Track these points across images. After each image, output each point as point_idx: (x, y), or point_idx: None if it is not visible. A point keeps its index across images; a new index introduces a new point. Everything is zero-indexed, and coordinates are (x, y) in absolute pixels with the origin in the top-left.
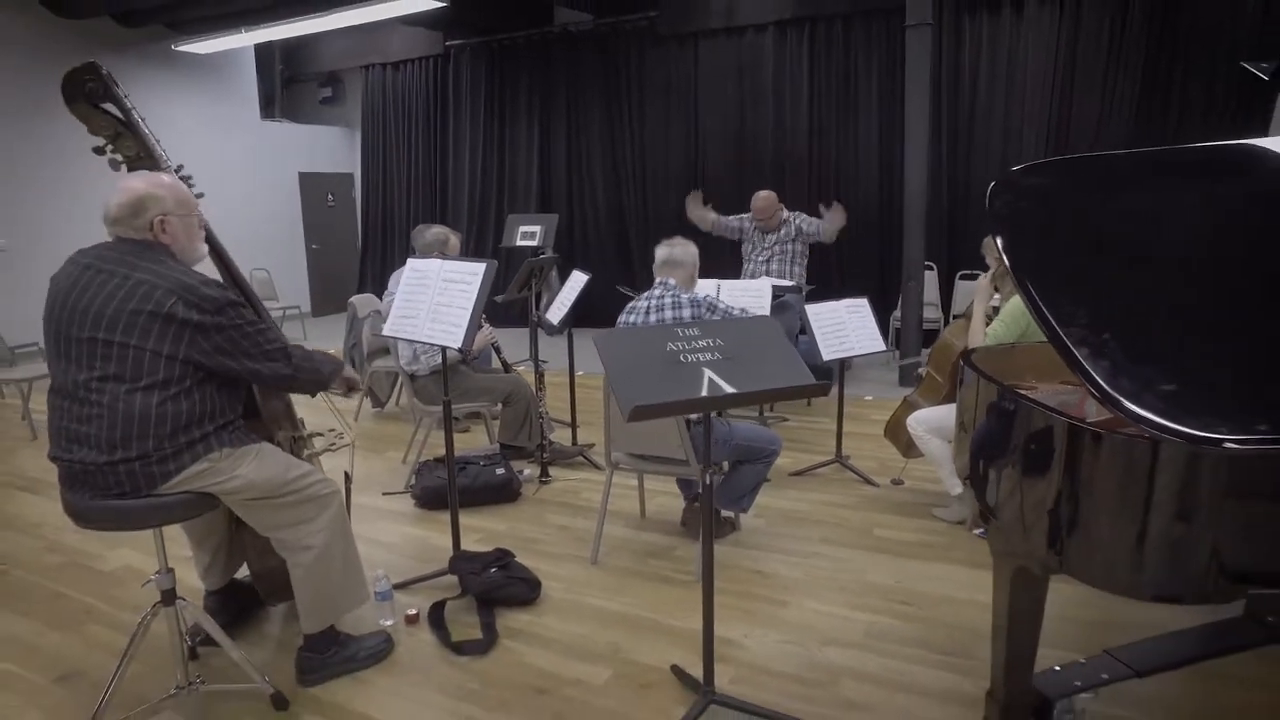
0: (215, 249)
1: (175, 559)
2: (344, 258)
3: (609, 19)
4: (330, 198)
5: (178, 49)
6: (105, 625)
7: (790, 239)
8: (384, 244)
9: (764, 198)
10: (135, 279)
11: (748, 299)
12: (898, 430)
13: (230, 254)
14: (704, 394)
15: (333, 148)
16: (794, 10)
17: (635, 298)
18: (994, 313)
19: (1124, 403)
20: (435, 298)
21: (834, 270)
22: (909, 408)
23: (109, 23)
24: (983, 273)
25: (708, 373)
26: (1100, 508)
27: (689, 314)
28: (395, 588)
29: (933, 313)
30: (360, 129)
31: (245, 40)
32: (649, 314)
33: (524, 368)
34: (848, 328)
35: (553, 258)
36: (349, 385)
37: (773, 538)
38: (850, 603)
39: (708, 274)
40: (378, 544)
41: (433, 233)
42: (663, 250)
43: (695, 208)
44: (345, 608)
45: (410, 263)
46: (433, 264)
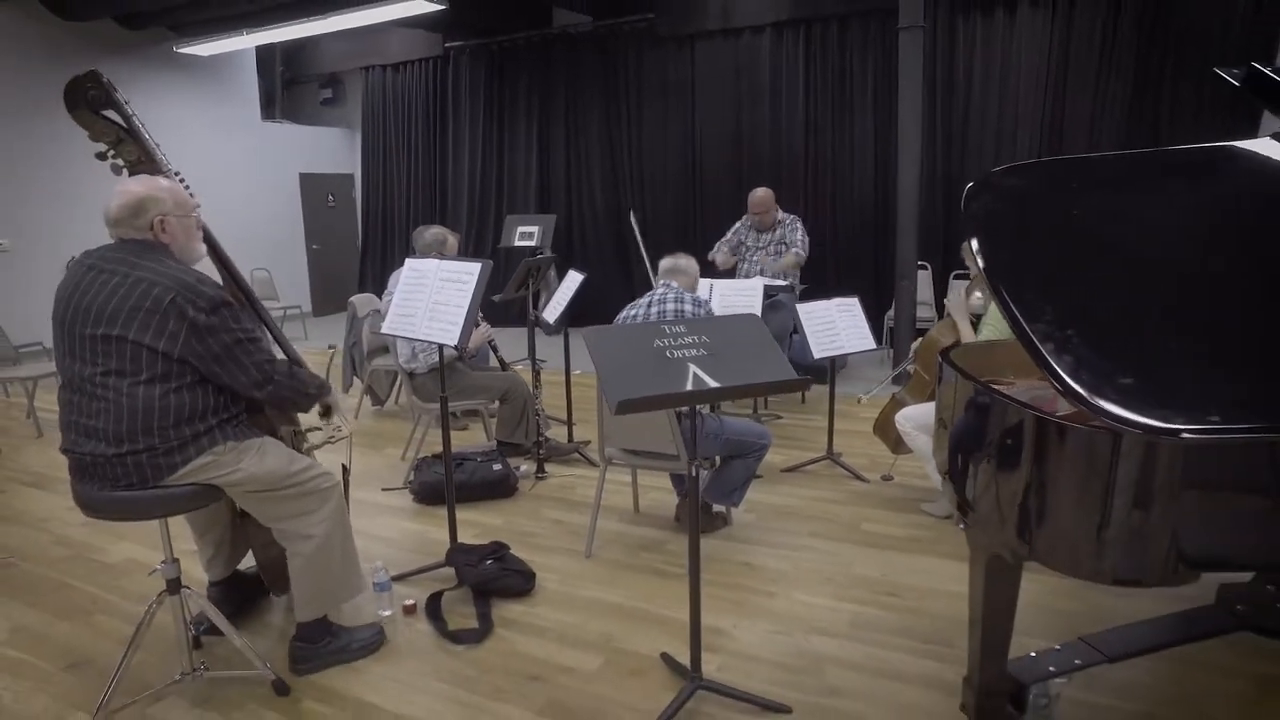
0: (215, 250)
1: (179, 552)
2: (344, 258)
3: (607, 20)
4: (330, 198)
5: (179, 51)
6: (111, 615)
7: (782, 240)
8: (384, 244)
9: (761, 193)
10: (135, 277)
11: (740, 298)
12: (886, 427)
13: (231, 254)
14: (689, 388)
15: (333, 149)
16: (790, 12)
17: (631, 305)
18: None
19: (1085, 395)
20: (433, 297)
21: (829, 270)
22: (897, 405)
23: (112, 25)
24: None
25: (693, 368)
26: (1065, 496)
27: (690, 309)
28: (394, 579)
29: (926, 312)
30: (360, 130)
31: (246, 42)
32: (650, 307)
33: (522, 366)
34: (838, 326)
35: (550, 257)
36: (326, 409)
37: (763, 532)
38: (837, 594)
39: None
40: (377, 537)
41: (431, 233)
42: (667, 261)
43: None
44: (341, 598)
45: (408, 262)
46: (430, 264)
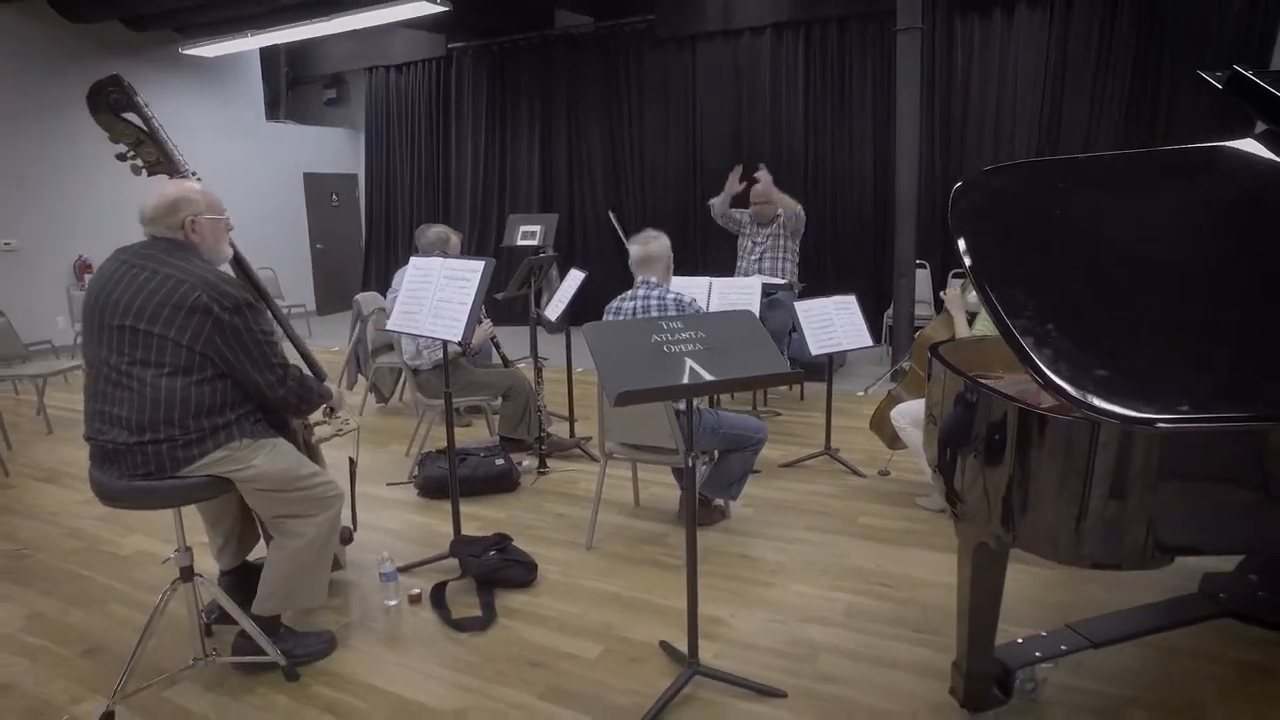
0: (236, 256)
1: (191, 543)
2: (348, 257)
3: (608, 22)
4: (334, 198)
5: (185, 52)
6: (125, 604)
7: (780, 232)
8: (387, 243)
9: (760, 187)
10: (164, 274)
11: (738, 296)
12: (882, 423)
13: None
14: (685, 381)
15: (337, 149)
16: (790, 13)
17: (619, 298)
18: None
19: (1063, 387)
20: (437, 294)
21: (829, 269)
22: (893, 401)
23: (118, 27)
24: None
25: (689, 362)
26: (1046, 485)
27: (674, 315)
28: (399, 570)
29: (925, 310)
30: (364, 130)
31: (251, 44)
32: (636, 314)
33: (524, 364)
34: (835, 324)
35: (552, 256)
36: (330, 410)
37: (761, 525)
38: (832, 584)
39: (703, 273)
40: (383, 530)
41: (434, 232)
42: (637, 249)
43: (732, 181)
44: (301, 602)
45: (413, 261)
46: (434, 262)
